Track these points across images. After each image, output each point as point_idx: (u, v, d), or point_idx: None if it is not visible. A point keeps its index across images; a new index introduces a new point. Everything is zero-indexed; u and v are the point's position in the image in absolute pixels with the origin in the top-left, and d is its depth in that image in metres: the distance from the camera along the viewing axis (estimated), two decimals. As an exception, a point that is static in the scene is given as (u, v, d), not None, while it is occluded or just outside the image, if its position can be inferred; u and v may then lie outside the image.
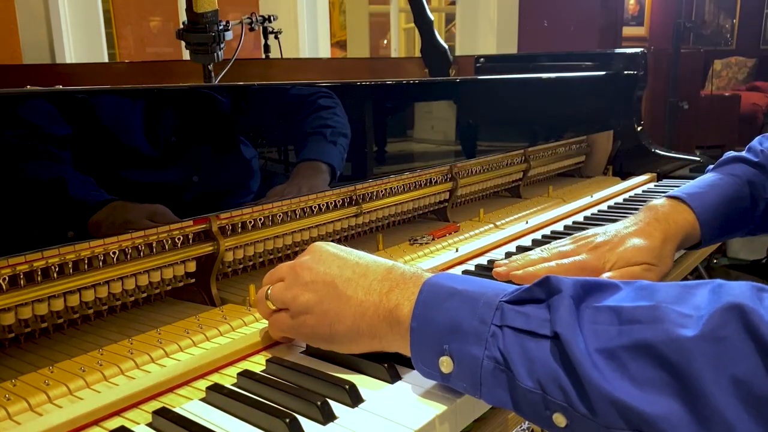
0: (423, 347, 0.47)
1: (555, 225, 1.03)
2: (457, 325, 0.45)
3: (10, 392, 0.49)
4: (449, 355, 0.45)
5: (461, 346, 0.45)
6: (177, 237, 0.65)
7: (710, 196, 0.73)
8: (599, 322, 0.40)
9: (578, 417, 0.39)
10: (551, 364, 0.40)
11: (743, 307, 0.34)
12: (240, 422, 0.47)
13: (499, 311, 0.44)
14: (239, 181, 0.68)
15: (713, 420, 0.33)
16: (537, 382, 0.41)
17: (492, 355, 0.43)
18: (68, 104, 0.52)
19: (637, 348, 0.37)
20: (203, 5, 0.86)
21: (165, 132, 0.60)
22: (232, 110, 0.65)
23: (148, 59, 3.40)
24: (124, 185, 0.56)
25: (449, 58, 1.25)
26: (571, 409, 0.39)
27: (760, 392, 0.32)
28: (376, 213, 0.92)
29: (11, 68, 1.44)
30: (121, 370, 0.54)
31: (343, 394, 0.49)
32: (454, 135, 0.98)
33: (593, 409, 0.38)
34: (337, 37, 4.99)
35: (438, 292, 0.48)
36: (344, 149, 0.79)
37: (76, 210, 0.53)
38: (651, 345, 0.36)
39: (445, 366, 0.46)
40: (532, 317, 0.43)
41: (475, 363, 0.44)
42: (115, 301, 0.64)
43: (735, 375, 0.32)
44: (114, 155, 0.56)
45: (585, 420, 0.38)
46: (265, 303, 0.57)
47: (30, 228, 0.50)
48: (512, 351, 0.42)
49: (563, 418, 0.40)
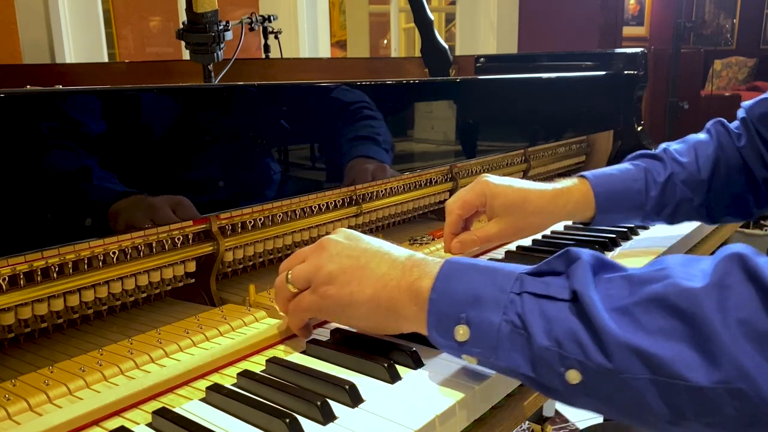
0: (441, 316, 0.48)
1: (555, 224, 1.02)
2: (476, 295, 0.47)
3: (9, 392, 0.49)
4: (466, 323, 0.47)
5: (479, 314, 0.46)
6: (177, 237, 0.65)
7: (607, 173, 0.84)
8: (612, 288, 0.42)
9: (593, 370, 0.40)
10: (569, 321, 0.42)
11: (743, 256, 0.37)
12: (240, 422, 0.47)
13: (519, 281, 0.46)
14: (265, 179, 0.70)
15: (723, 358, 0.35)
16: (554, 340, 0.42)
17: (510, 320, 0.45)
18: (77, 103, 0.52)
19: (649, 302, 0.39)
20: (203, 5, 0.86)
21: (200, 131, 0.62)
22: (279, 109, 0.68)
23: (148, 59, 3.40)
24: (146, 182, 0.56)
25: (449, 58, 1.25)
26: (587, 362, 0.41)
27: (763, 329, 0.34)
28: (376, 213, 0.92)
29: (11, 68, 1.44)
30: (120, 370, 0.54)
31: (343, 394, 0.49)
32: (454, 135, 0.98)
33: (610, 357, 0.39)
34: (337, 36, 4.99)
35: (459, 266, 0.50)
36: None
37: (86, 206, 0.53)
38: (661, 297, 0.39)
39: (461, 334, 0.47)
40: (551, 285, 0.45)
41: (491, 328, 0.45)
42: (115, 301, 0.64)
43: (740, 317, 0.35)
44: (142, 154, 0.56)
45: (600, 372, 0.40)
46: (285, 288, 0.58)
47: (29, 228, 0.50)
48: (530, 313, 0.44)
49: (577, 374, 0.41)
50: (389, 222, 0.97)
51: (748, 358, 0.34)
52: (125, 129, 0.57)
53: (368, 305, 0.53)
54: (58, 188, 0.51)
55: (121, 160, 0.56)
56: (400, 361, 0.54)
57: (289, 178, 0.73)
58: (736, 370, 0.34)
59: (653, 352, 0.37)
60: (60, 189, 0.52)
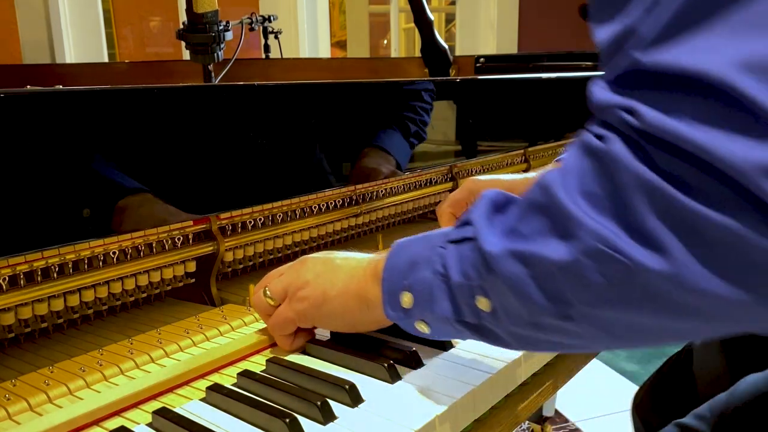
0: (390, 289, 0.50)
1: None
2: (414, 260, 0.49)
3: (9, 392, 0.49)
4: (408, 289, 0.48)
5: (416, 275, 0.48)
6: (177, 237, 0.65)
7: None
8: (509, 215, 0.43)
9: (491, 288, 0.42)
10: (473, 253, 0.43)
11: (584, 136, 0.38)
12: (240, 422, 0.47)
13: (446, 235, 0.47)
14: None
15: (578, 230, 0.36)
16: (464, 274, 0.44)
17: (437, 271, 0.46)
18: (77, 103, 0.52)
19: (525, 212, 0.41)
20: (203, 5, 0.86)
21: (200, 131, 0.63)
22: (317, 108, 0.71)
23: (148, 59, 3.40)
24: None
25: (449, 58, 1.25)
26: (485, 283, 0.42)
27: (601, 192, 0.35)
28: (376, 213, 0.92)
29: (11, 68, 1.44)
30: (121, 370, 0.54)
31: (343, 394, 0.49)
32: (454, 135, 0.98)
33: (496, 270, 0.41)
34: (337, 36, 4.99)
35: (405, 241, 0.51)
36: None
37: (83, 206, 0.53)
38: (531, 202, 0.40)
39: (405, 301, 0.48)
40: (465, 228, 0.46)
41: (426, 285, 0.47)
42: (115, 301, 0.64)
43: (582, 190, 0.36)
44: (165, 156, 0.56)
45: (495, 288, 0.42)
46: (263, 303, 0.58)
47: (29, 228, 0.50)
48: (450, 259, 0.45)
49: (486, 301, 0.43)
50: (389, 222, 0.97)
51: (597, 223, 0.35)
52: (125, 129, 0.57)
53: (340, 299, 0.54)
54: (57, 188, 0.51)
55: (120, 160, 0.56)
56: (400, 361, 0.54)
57: (289, 178, 0.73)
58: (590, 236, 0.35)
59: (523, 249, 0.39)
60: (59, 189, 0.52)
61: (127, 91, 0.57)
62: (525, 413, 0.57)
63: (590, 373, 2.04)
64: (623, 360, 2.22)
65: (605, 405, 1.96)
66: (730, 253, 0.31)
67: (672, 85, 0.32)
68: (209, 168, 0.64)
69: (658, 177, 0.33)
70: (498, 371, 0.54)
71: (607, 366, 2.18)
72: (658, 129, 0.32)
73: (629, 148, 0.34)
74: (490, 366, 0.54)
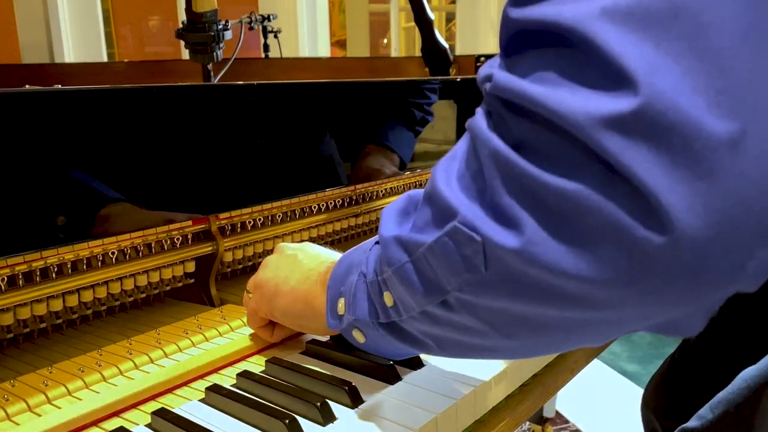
0: (331, 298, 0.50)
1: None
2: (350, 265, 0.48)
3: (9, 393, 0.49)
4: (342, 295, 0.48)
5: (348, 279, 0.47)
6: (176, 237, 0.65)
7: None
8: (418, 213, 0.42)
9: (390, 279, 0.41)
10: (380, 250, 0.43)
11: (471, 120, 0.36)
12: (239, 423, 0.47)
13: (376, 237, 0.46)
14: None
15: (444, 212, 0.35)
16: (375, 270, 0.44)
17: (360, 272, 0.46)
18: (76, 102, 0.52)
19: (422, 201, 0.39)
20: (202, 4, 0.86)
21: (200, 130, 0.63)
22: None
23: (147, 59, 3.40)
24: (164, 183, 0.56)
25: (450, 58, 1.24)
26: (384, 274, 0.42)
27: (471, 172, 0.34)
28: (376, 213, 0.92)
29: (10, 68, 1.44)
30: (120, 371, 0.54)
31: (342, 395, 0.49)
32: (454, 135, 0.98)
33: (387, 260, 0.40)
34: (337, 36, 4.99)
35: (350, 250, 0.51)
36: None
37: (80, 208, 0.53)
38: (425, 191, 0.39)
39: (340, 307, 0.48)
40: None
41: (352, 287, 0.46)
42: (114, 301, 0.64)
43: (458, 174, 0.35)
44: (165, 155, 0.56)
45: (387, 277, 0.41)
46: (245, 295, 0.59)
47: (28, 228, 0.50)
48: (370, 257, 0.45)
49: (389, 294, 0.42)
50: (389, 222, 0.97)
51: (462, 203, 0.33)
52: (124, 128, 0.57)
53: (288, 297, 0.54)
54: (57, 188, 0.51)
55: (120, 160, 0.56)
56: (400, 361, 0.54)
57: (288, 177, 0.73)
58: (454, 216, 0.34)
59: (406, 237, 0.38)
60: (59, 189, 0.51)
61: (127, 91, 0.57)
62: (525, 414, 0.57)
63: (591, 374, 2.04)
64: (624, 360, 2.22)
65: (606, 406, 1.96)
66: (576, 221, 0.28)
67: (531, 43, 0.30)
68: (209, 168, 0.64)
69: (505, 145, 0.30)
70: (500, 371, 0.54)
71: (608, 366, 2.18)
72: (507, 90, 0.30)
73: (486, 118, 0.32)
74: (492, 366, 0.54)
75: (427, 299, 0.38)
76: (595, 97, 0.27)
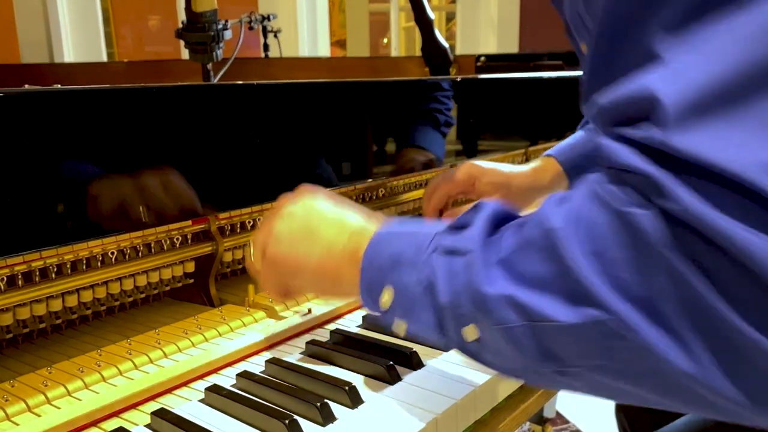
0: (370, 283, 0.47)
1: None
2: (398, 259, 0.46)
3: (8, 393, 0.49)
4: (390, 289, 0.46)
5: (399, 277, 0.45)
6: (176, 237, 0.65)
7: (569, 143, 0.92)
8: (505, 238, 0.41)
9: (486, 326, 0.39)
10: (466, 276, 0.41)
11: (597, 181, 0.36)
12: (239, 423, 0.47)
13: (436, 238, 0.44)
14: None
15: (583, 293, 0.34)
16: (452, 299, 0.41)
17: (422, 278, 0.43)
18: (76, 102, 0.52)
19: (523, 248, 0.38)
20: (202, 4, 0.86)
21: (200, 130, 0.63)
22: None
23: (147, 58, 3.40)
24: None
25: (450, 57, 1.24)
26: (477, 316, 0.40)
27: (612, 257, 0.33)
28: (376, 213, 0.91)
29: (9, 68, 1.44)
30: (119, 371, 0.53)
31: (342, 395, 0.49)
32: (454, 134, 0.98)
33: (489, 311, 0.39)
34: (337, 35, 4.99)
35: (389, 230, 0.49)
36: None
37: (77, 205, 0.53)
38: (532, 241, 0.38)
39: (384, 300, 0.46)
40: (459, 237, 0.43)
41: (408, 290, 0.44)
42: (114, 301, 0.64)
43: (594, 249, 0.34)
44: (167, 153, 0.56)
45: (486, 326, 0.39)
46: (249, 259, 0.58)
47: (28, 228, 0.50)
48: (438, 270, 0.42)
49: (474, 329, 0.40)
50: (389, 222, 0.97)
51: (613, 296, 0.33)
52: (124, 128, 0.56)
53: (314, 274, 0.52)
54: (56, 188, 0.51)
55: (120, 160, 0.56)
56: (400, 362, 0.54)
57: (288, 177, 0.73)
58: (602, 308, 0.33)
59: (524, 300, 0.37)
60: (58, 189, 0.51)
61: (126, 91, 0.57)
62: (526, 414, 0.57)
63: (590, 373, 2.03)
64: (623, 359, 2.22)
65: (606, 406, 1.96)
66: (760, 369, 0.30)
67: (703, 174, 0.30)
68: (208, 168, 0.64)
69: (690, 266, 0.30)
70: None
71: (607, 365, 2.18)
72: (695, 217, 0.30)
73: (663, 226, 0.32)
74: (491, 367, 0.54)
75: (538, 364, 0.38)
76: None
